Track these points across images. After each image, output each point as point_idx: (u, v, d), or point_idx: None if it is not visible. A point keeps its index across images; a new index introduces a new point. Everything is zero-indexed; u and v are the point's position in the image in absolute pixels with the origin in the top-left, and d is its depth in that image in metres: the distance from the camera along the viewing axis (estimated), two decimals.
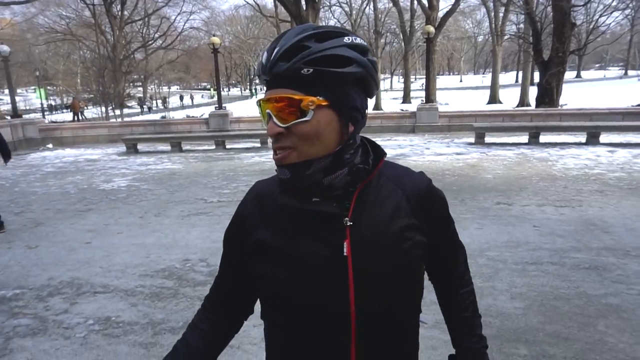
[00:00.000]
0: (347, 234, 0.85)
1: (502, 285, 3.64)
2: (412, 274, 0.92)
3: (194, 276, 4.07)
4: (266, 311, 0.97)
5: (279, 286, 0.88)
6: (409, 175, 0.95)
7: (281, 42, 0.82)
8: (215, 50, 15.43)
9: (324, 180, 0.85)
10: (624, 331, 2.92)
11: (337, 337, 0.87)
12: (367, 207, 0.87)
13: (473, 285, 1.09)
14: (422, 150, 11.03)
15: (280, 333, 0.94)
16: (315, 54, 0.80)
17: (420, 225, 0.91)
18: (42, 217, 6.28)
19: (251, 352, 2.82)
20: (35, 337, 3.13)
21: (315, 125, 0.82)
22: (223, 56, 43.86)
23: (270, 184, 0.96)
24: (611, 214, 5.38)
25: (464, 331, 1.04)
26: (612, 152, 9.61)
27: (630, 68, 59.01)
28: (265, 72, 0.83)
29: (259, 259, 0.91)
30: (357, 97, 0.86)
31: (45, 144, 14.88)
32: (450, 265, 1.06)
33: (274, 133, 0.83)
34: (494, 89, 31.14)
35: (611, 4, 21.22)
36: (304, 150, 0.83)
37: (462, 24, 59.43)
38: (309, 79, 0.81)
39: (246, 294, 1.01)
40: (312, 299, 0.86)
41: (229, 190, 7.49)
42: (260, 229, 0.91)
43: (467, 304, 1.05)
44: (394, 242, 0.88)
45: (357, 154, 0.88)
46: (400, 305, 0.91)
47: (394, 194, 0.91)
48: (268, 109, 0.84)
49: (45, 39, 37.28)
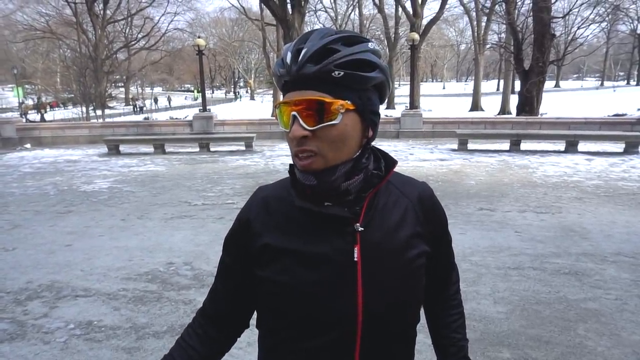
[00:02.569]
0: (358, 239, 0.86)
1: (485, 290, 3.70)
2: (417, 282, 0.93)
3: (178, 280, 4.02)
4: (266, 318, 0.95)
5: (286, 290, 0.86)
6: (414, 184, 0.97)
7: (308, 43, 0.81)
8: (200, 52, 15.32)
9: (342, 185, 0.85)
10: (603, 335, 3.00)
11: (343, 341, 0.86)
12: (376, 214, 0.88)
13: (463, 308, 1.11)
14: (406, 155, 11.14)
15: (281, 340, 0.92)
16: (345, 57, 0.79)
17: (425, 234, 0.93)
18: (19, 219, 6.12)
19: (237, 356, 2.80)
20: (13, 342, 3.05)
21: (343, 130, 0.82)
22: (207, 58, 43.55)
23: (275, 189, 0.95)
24: (589, 221, 5.53)
25: (452, 352, 1.05)
26: (589, 161, 9.88)
27: (606, 79, 60.88)
28: (291, 73, 0.81)
29: (265, 264, 0.89)
30: (376, 102, 0.87)
31: (23, 144, 14.51)
32: (445, 282, 1.07)
33: (300, 136, 0.80)
34: (476, 96, 31.68)
35: (589, 17, 21.88)
36: (329, 155, 0.82)
37: (445, 32, 60.44)
38: (339, 82, 0.80)
39: (245, 305, 0.98)
40: (320, 304, 0.85)
41: (213, 193, 7.43)
42: (267, 233, 0.89)
43: (457, 325, 1.07)
44: (402, 250, 0.89)
45: (371, 160, 0.89)
46: (405, 312, 0.92)
47: (401, 201, 0.92)
48: (294, 111, 0.81)
49: (23, 36, 36.44)
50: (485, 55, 34.25)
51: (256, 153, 12.09)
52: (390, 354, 0.92)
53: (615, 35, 52.32)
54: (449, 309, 1.07)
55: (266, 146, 13.28)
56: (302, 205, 0.85)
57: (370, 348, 0.87)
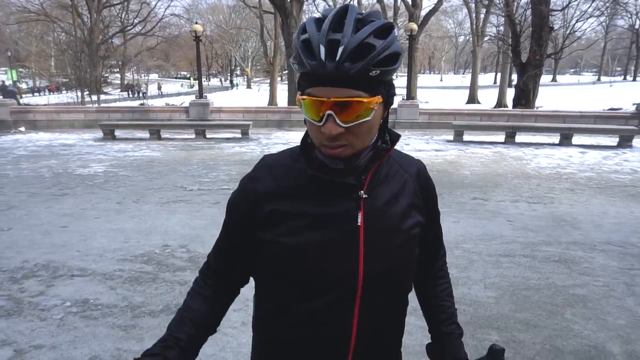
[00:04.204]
0: (362, 205, 0.90)
1: (476, 276, 3.76)
2: (411, 250, 0.99)
3: (174, 262, 4.06)
4: (266, 281, 0.98)
5: (291, 252, 0.90)
6: (412, 160, 1.05)
7: (344, 38, 0.78)
8: (197, 38, 15.20)
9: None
10: (589, 319, 3.08)
11: (342, 302, 0.91)
12: (379, 183, 0.93)
13: (450, 279, 1.17)
14: (402, 146, 11.17)
15: (281, 302, 0.95)
16: (381, 54, 0.80)
17: (421, 206, 0.99)
18: (14, 200, 6.12)
19: (231, 335, 2.85)
20: (10, 318, 3.08)
21: (372, 123, 0.86)
22: (204, 45, 43.22)
23: (280, 158, 0.98)
24: (580, 211, 5.61)
25: (443, 318, 1.09)
26: (583, 153, 9.97)
27: (604, 74, 60.97)
28: (327, 69, 0.79)
29: (270, 228, 0.92)
30: (393, 82, 0.91)
31: (17, 127, 14.40)
32: (434, 256, 1.13)
33: (335, 134, 0.82)
34: (473, 89, 31.74)
35: (587, 11, 21.87)
36: (357, 145, 0.86)
37: (444, 24, 60.20)
38: (374, 79, 0.82)
39: (245, 262, 1.01)
40: (323, 265, 0.89)
41: (209, 179, 7.45)
42: (274, 199, 0.92)
43: (447, 294, 1.12)
44: (400, 218, 0.95)
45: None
46: (400, 277, 0.98)
47: (400, 174, 0.98)
48: (330, 111, 0.81)
49: (17, 18, 35.93)
50: (483, 48, 34.22)
51: (252, 141, 12.08)
52: (385, 317, 0.97)
53: (613, 30, 52.34)
54: (437, 279, 1.13)
55: (262, 134, 13.27)
56: (315, 173, 0.89)
57: (368, 310, 0.92)
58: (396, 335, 1.04)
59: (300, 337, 0.95)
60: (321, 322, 0.92)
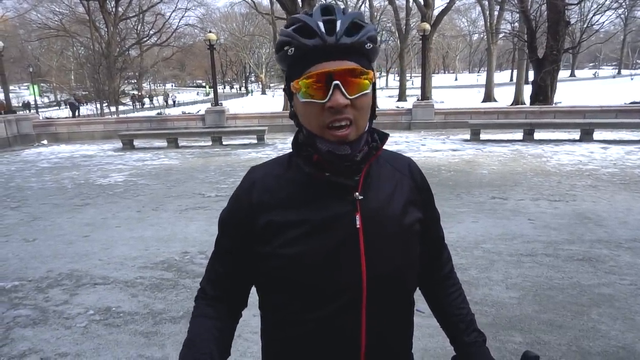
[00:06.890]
0: (358, 207, 0.89)
1: (497, 276, 3.70)
2: (413, 248, 0.97)
3: (193, 268, 4.10)
4: (270, 295, 0.95)
5: (291, 262, 0.88)
6: (402, 158, 1.04)
7: (338, 16, 0.84)
8: (212, 46, 15.41)
9: (357, 155, 0.89)
10: (617, 319, 2.99)
11: (349, 308, 0.89)
12: (372, 183, 0.92)
13: (460, 284, 1.12)
14: (418, 146, 11.10)
15: (288, 314, 0.92)
16: (370, 31, 0.86)
17: (418, 201, 0.98)
18: (38, 212, 6.28)
19: (252, 340, 2.86)
20: (36, 327, 3.15)
21: (369, 99, 0.88)
22: (218, 53, 43.75)
23: (269, 167, 0.97)
24: (604, 208, 5.46)
25: (462, 328, 1.05)
26: (605, 149, 9.72)
27: (624, 67, 59.45)
28: (328, 43, 0.82)
29: (268, 240, 0.90)
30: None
31: (40, 140, 14.81)
32: (438, 260, 1.09)
33: (343, 104, 0.82)
34: (489, 87, 31.26)
35: (605, 3, 21.39)
36: (360, 124, 0.86)
37: (457, 22, 59.64)
38: (367, 54, 0.87)
39: (244, 284, 0.98)
40: (326, 272, 0.88)
41: (226, 185, 7.51)
42: (269, 210, 0.90)
43: (461, 300, 1.08)
44: (399, 217, 0.93)
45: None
46: (405, 277, 0.96)
47: (392, 172, 0.98)
48: (337, 81, 0.82)
49: (38, 35, 37.04)
50: (498, 45, 33.74)
51: (268, 146, 12.16)
52: (393, 319, 0.95)
53: (632, 22, 50.97)
54: (449, 287, 1.10)
55: (278, 139, 13.34)
56: (312, 171, 0.89)
57: (375, 312, 0.90)
58: (405, 336, 1.01)
59: (309, 347, 0.92)
60: (329, 330, 0.90)
